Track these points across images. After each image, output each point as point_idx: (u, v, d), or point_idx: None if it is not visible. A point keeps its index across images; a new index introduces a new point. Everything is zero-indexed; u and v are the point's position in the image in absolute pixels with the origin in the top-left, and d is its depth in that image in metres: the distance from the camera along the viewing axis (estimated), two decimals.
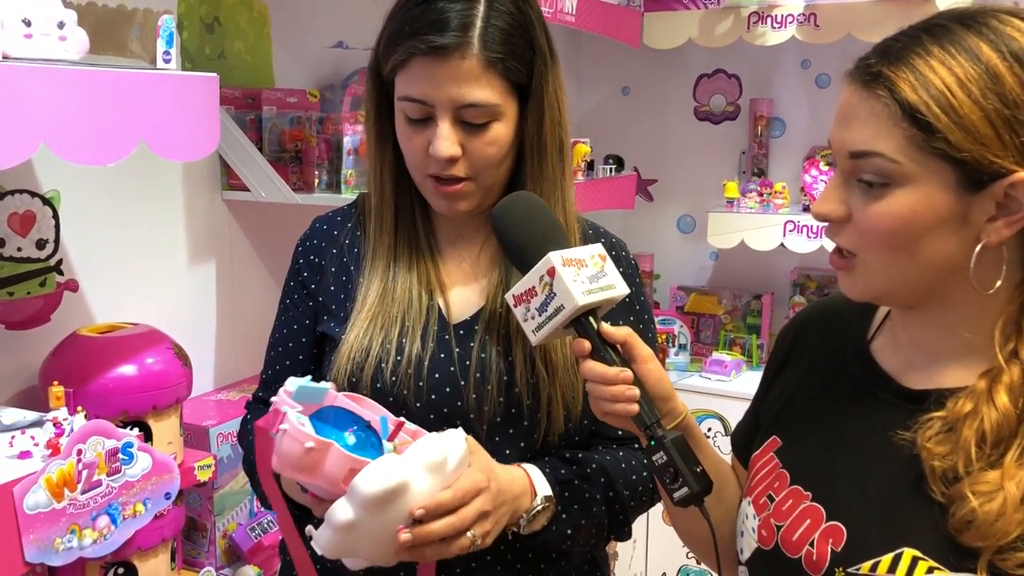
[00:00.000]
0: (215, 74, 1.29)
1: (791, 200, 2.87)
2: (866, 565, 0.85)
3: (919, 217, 0.82)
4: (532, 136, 1.13)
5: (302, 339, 1.22)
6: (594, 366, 0.97)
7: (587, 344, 0.98)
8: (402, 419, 1.00)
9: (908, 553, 0.83)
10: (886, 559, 0.84)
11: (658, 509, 2.97)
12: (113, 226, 1.70)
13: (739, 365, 2.93)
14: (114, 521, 1.15)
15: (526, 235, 1.03)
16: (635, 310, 1.20)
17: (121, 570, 1.52)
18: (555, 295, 0.98)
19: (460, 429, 1.00)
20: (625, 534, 1.18)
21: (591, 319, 0.99)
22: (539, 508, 1.06)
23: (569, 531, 1.09)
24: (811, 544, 0.90)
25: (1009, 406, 0.81)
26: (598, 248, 1.03)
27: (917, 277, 0.86)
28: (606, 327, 0.99)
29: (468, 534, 0.96)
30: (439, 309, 1.15)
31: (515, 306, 1.01)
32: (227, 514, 1.75)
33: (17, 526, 1.03)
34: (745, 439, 1.09)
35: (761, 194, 2.87)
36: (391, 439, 0.97)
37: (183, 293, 1.86)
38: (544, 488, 1.07)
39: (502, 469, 1.04)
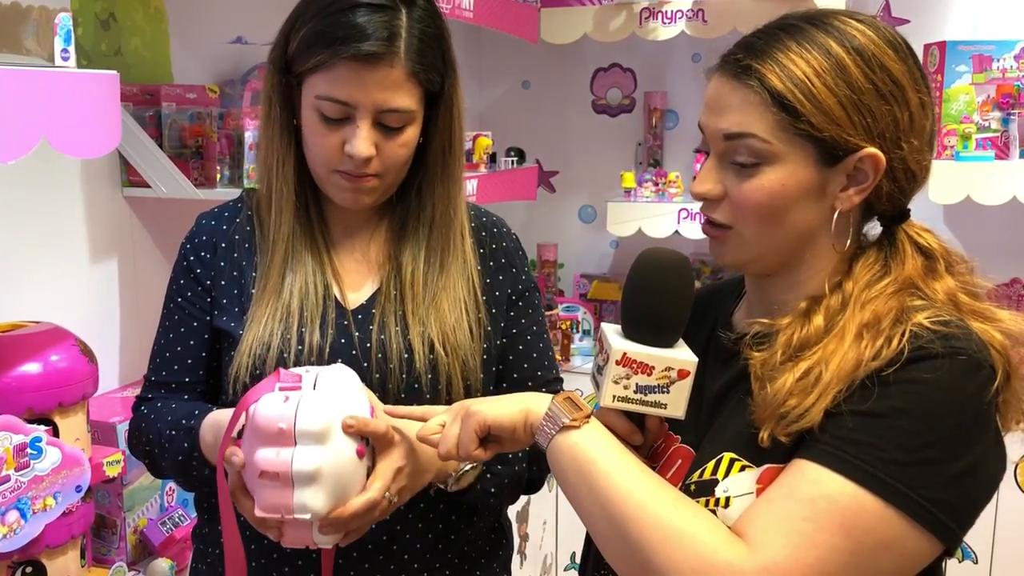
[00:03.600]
0: (115, 71, 1.30)
1: (684, 189, 2.99)
2: (695, 474, 0.98)
3: (787, 191, 0.94)
4: (444, 140, 1.21)
5: (201, 335, 1.24)
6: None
7: (638, 437, 1.01)
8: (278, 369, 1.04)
9: (727, 456, 0.96)
10: (710, 464, 0.97)
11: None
12: (10, 224, 1.68)
13: None
14: (24, 516, 1.16)
15: (677, 315, 0.96)
16: (522, 279, 1.29)
17: (29, 569, 1.51)
18: (667, 391, 0.95)
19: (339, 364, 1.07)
20: (537, 488, 1.26)
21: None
22: (468, 468, 1.12)
23: (494, 489, 1.16)
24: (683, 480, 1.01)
25: (821, 325, 0.94)
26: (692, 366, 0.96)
27: (782, 244, 0.98)
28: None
29: (385, 494, 1.01)
30: (335, 297, 1.20)
31: (619, 364, 0.93)
32: (137, 509, 1.76)
33: None
34: None
35: (656, 184, 2.98)
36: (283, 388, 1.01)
37: (86, 291, 1.85)
38: None
39: None
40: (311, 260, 1.20)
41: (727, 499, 0.93)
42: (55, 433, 1.49)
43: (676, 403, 0.95)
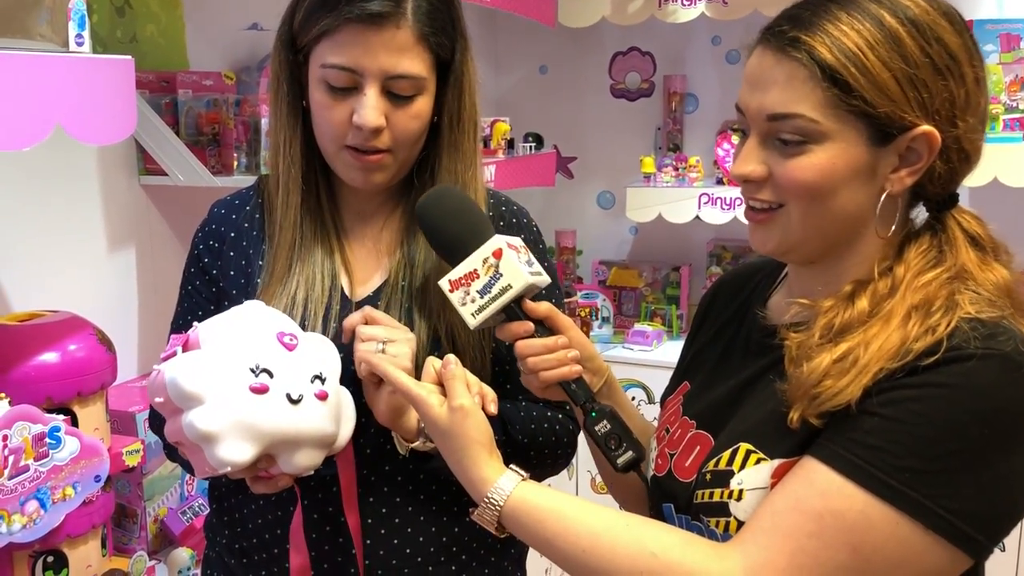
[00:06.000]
0: (130, 57, 1.28)
1: (705, 173, 2.96)
2: (711, 463, 0.94)
3: (836, 170, 0.88)
4: (453, 112, 1.16)
5: None
6: (533, 341, 1.02)
7: (530, 324, 1.02)
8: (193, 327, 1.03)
9: (743, 447, 0.92)
10: (726, 454, 0.93)
11: (586, 479, 3.05)
12: (28, 214, 1.67)
13: (660, 335, 3.02)
14: (43, 506, 1.15)
15: (461, 224, 1.05)
16: (543, 292, 1.23)
17: (51, 558, 1.51)
18: (500, 276, 1.01)
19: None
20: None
21: (521, 303, 1.03)
22: None
23: None
24: (699, 469, 0.98)
25: (865, 309, 0.89)
26: (521, 240, 1.08)
27: (829, 228, 0.92)
28: (532, 305, 1.04)
29: (375, 344, 1.02)
30: (341, 288, 1.16)
31: (451, 291, 1.03)
32: (157, 499, 1.75)
33: None
34: (668, 394, 1.16)
35: (676, 168, 2.94)
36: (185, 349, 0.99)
37: (104, 280, 1.84)
38: None
39: None
40: (320, 248, 1.17)
41: (740, 491, 0.90)
42: (74, 422, 1.48)
43: (513, 275, 1.01)
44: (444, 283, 1.04)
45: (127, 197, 1.87)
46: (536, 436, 1.18)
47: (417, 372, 1.07)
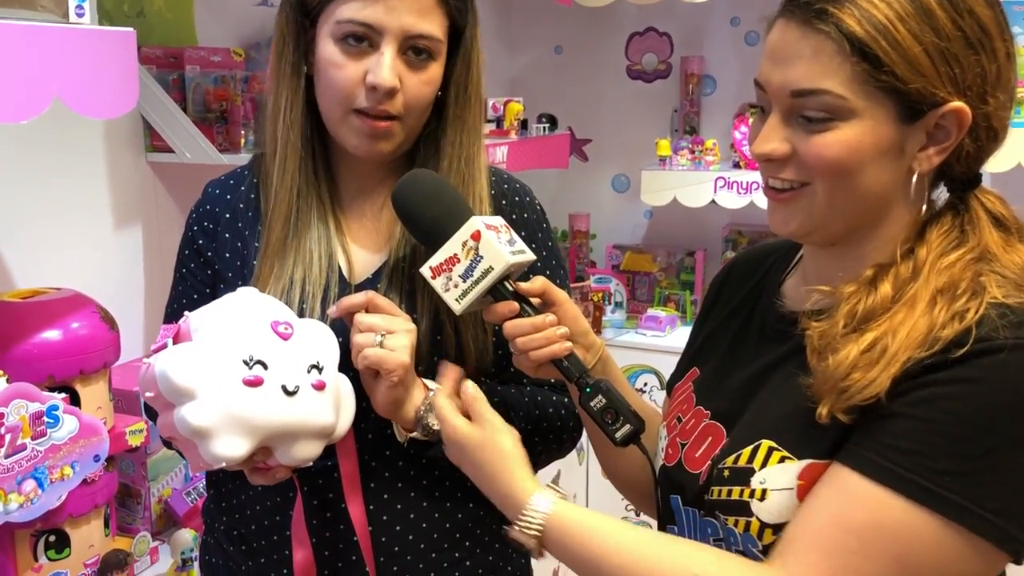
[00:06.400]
0: (131, 29, 1.25)
1: (722, 157, 2.91)
2: (730, 459, 0.91)
3: (863, 148, 0.84)
4: (460, 85, 1.12)
5: None
6: (520, 321, 0.99)
7: (515, 304, 0.99)
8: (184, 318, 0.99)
9: (765, 444, 0.88)
10: (747, 451, 0.89)
11: (596, 467, 3.02)
12: (33, 190, 1.65)
13: (673, 321, 2.99)
14: (41, 485, 1.13)
15: (438, 207, 1.02)
16: (543, 256, 1.19)
17: (52, 538, 1.50)
18: (481, 258, 0.98)
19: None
20: None
21: (507, 283, 1.01)
22: (429, 402, 1.05)
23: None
24: (711, 460, 0.94)
25: (889, 294, 0.85)
26: (501, 219, 1.05)
27: (854, 208, 0.88)
28: (523, 285, 1.01)
29: (373, 336, 1.00)
30: (339, 269, 1.13)
31: (434, 278, 1.01)
32: (161, 479, 1.74)
33: None
34: (676, 377, 1.12)
35: (693, 152, 2.90)
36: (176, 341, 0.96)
37: (109, 258, 1.82)
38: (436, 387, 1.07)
39: None
40: (317, 223, 1.12)
41: (764, 491, 0.86)
42: (76, 401, 1.47)
43: (493, 257, 0.98)
44: (426, 270, 1.01)
45: (133, 174, 1.85)
46: (540, 421, 1.15)
47: (419, 360, 1.05)
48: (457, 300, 1.00)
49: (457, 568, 1.15)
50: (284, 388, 0.94)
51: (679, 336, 2.93)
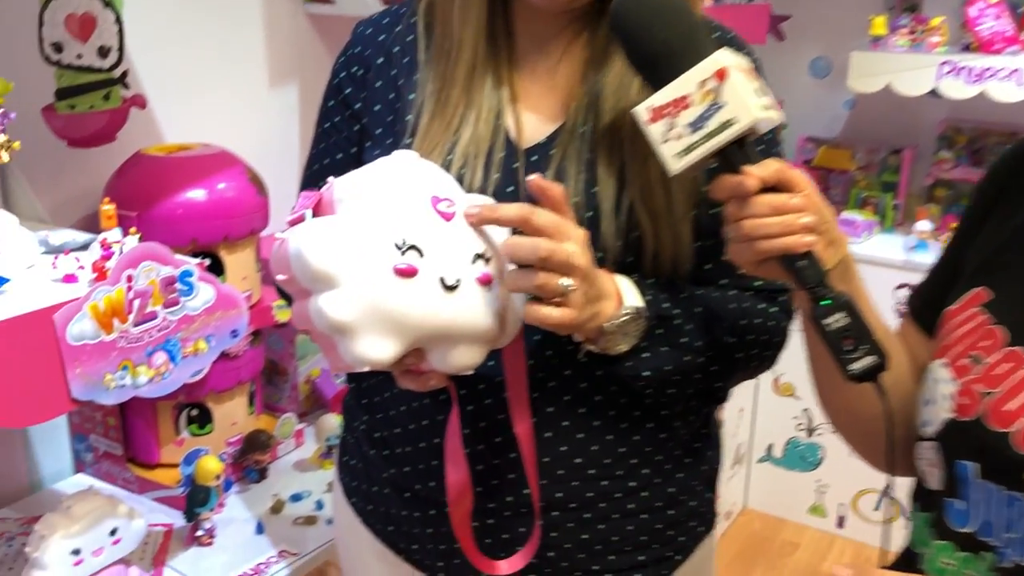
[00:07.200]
0: None
1: (950, 38, 2.49)
2: None
3: None
4: None
5: (347, 168, 1.01)
6: (758, 197, 0.76)
7: (754, 177, 0.76)
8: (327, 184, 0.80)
9: None
10: None
11: (766, 375, 2.78)
12: (184, 41, 1.52)
13: (871, 227, 2.65)
14: (172, 358, 1.01)
15: (672, 29, 0.79)
16: (766, 139, 0.95)
17: (195, 412, 1.42)
18: (721, 106, 0.75)
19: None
20: (720, 393, 0.98)
21: (746, 145, 0.77)
22: (625, 317, 0.85)
23: (648, 372, 0.88)
24: None
25: None
26: (748, 60, 0.80)
27: None
28: (752, 169, 0.76)
29: (560, 280, 0.77)
30: (506, 130, 0.93)
31: (651, 121, 0.78)
32: (310, 358, 1.63)
33: (61, 358, 0.90)
34: (933, 297, 0.86)
35: (913, 32, 2.50)
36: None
37: (262, 116, 1.69)
38: (633, 299, 0.86)
39: None
40: (486, 76, 0.93)
41: None
42: (220, 270, 1.35)
43: (739, 106, 0.74)
44: (642, 111, 0.78)
45: (290, 27, 1.70)
46: (745, 334, 0.93)
47: (602, 248, 0.85)
48: (677, 156, 0.77)
49: (632, 499, 0.96)
50: (443, 281, 0.75)
51: (876, 244, 2.60)
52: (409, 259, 0.73)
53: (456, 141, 0.92)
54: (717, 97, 0.75)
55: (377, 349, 0.73)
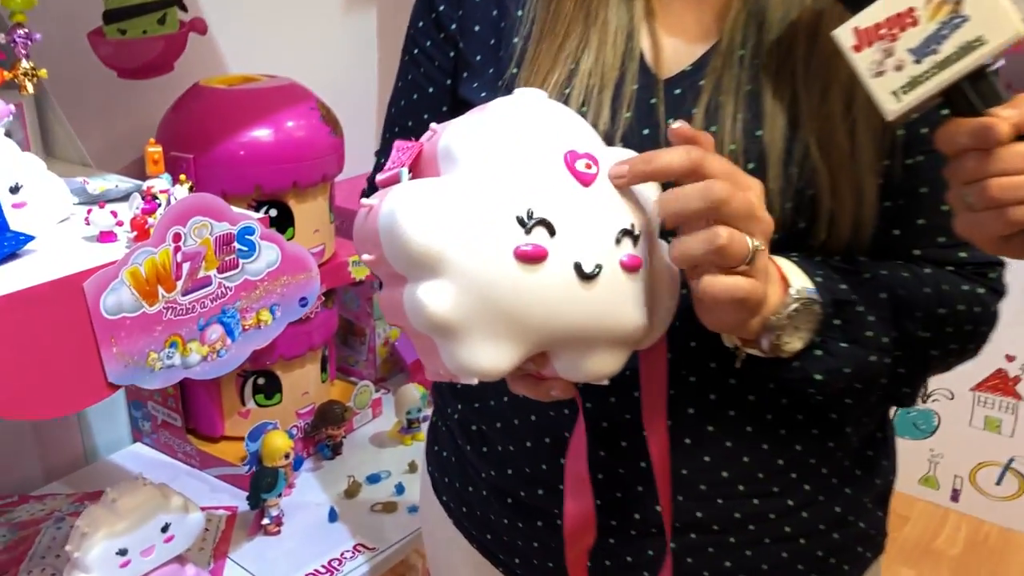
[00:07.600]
0: None
1: None
2: None
3: None
4: None
5: (438, 104, 0.83)
6: (1002, 150, 0.55)
7: (1001, 122, 0.54)
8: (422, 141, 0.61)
9: None
10: None
11: None
12: None
13: None
14: (230, 333, 0.85)
15: None
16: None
17: (262, 380, 1.27)
18: (963, 20, 0.55)
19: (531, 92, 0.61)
20: (906, 398, 0.77)
21: (982, 82, 0.57)
22: (795, 304, 0.65)
23: (821, 376, 0.68)
24: None
25: None
26: None
27: None
28: (1001, 111, 0.56)
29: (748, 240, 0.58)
30: (640, 55, 0.73)
31: (859, 48, 0.59)
32: None
33: (94, 335, 0.74)
34: None
35: None
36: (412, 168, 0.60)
37: (336, 48, 1.51)
38: (800, 280, 0.66)
39: None
40: None
41: None
42: (288, 221, 1.18)
43: (993, 17, 0.55)
44: (845, 33, 0.59)
45: None
46: (944, 325, 0.71)
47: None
48: (897, 93, 0.57)
49: (788, 521, 0.77)
50: (579, 268, 0.54)
51: None
52: (536, 238, 0.53)
53: (574, 70, 0.72)
54: (958, 7, 0.55)
55: (490, 356, 0.54)
